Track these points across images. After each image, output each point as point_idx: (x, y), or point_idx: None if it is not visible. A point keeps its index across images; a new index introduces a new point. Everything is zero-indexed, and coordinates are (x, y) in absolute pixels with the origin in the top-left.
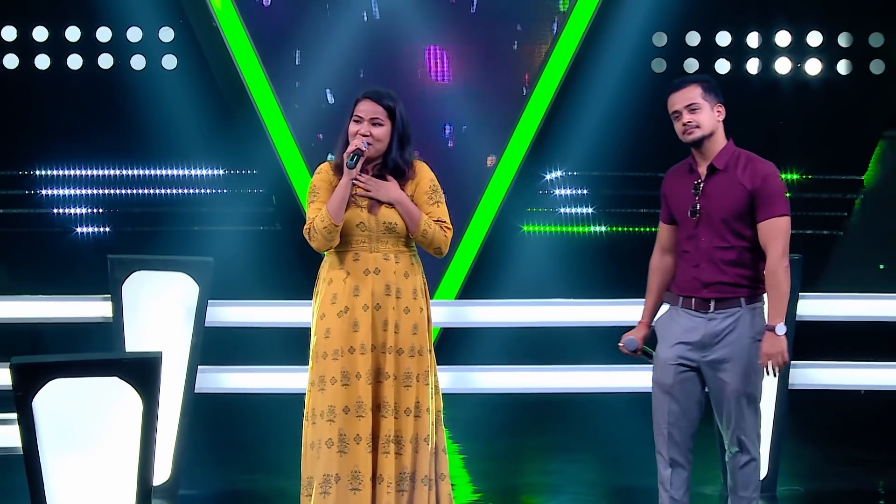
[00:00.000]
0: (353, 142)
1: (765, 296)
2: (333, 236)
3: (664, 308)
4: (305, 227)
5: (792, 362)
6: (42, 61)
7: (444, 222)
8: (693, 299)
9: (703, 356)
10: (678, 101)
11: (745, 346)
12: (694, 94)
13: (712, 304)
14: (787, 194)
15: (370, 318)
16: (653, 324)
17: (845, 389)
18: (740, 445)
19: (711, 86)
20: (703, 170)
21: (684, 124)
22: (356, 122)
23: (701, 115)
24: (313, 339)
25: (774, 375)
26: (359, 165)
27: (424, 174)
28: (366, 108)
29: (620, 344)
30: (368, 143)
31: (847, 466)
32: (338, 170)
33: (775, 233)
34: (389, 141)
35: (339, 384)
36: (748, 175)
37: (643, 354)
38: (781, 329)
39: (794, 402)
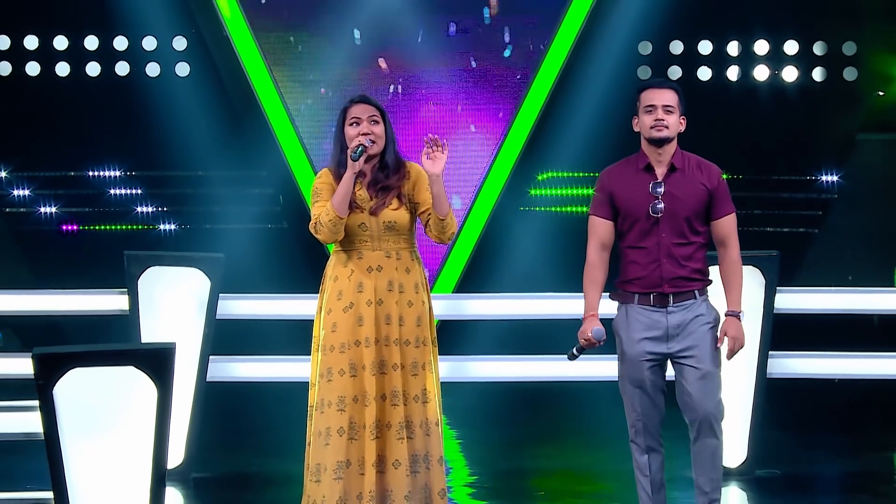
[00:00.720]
0: (355, 140)
1: (709, 288)
2: (339, 229)
3: (613, 305)
4: (312, 222)
5: (770, 353)
6: (62, 69)
7: None
8: (651, 295)
9: (668, 347)
10: (657, 98)
11: (704, 333)
12: (672, 98)
13: (671, 298)
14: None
15: (374, 313)
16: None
17: (820, 378)
18: (709, 429)
19: (682, 97)
20: (661, 170)
21: (657, 120)
22: (354, 124)
23: (671, 118)
24: (320, 333)
25: (728, 359)
26: (361, 160)
27: (418, 171)
28: (361, 110)
29: (588, 335)
30: (372, 141)
31: (821, 451)
32: (337, 174)
33: (732, 228)
34: (385, 140)
35: (347, 375)
36: (706, 175)
37: (574, 355)
38: (742, 316)
39: (771, 390)
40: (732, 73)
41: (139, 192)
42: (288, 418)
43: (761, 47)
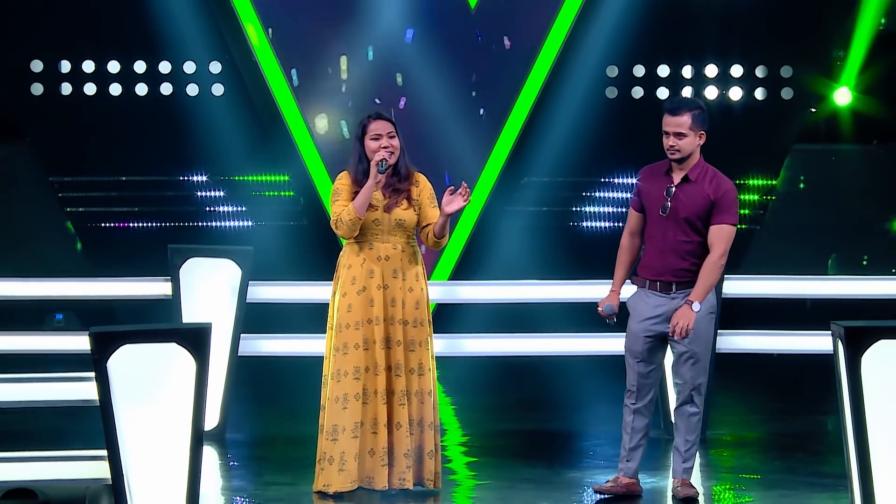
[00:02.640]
0: (379, 153)
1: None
2: (356, 227)
3: (632, 288)
4: (333, 219)
5: (719, 331)
6: (115, 89)
7: None
8: (658, 282)
9: (666, 328)
10: (671, 124)
11: (700, 318)
12: (684, 123)
13: (674, 286)
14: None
15: (382, 296)
16: (623, 300)
17: (761, 353)
18: (692, 400)
19: (700, 116)
20: (677, 178)
21: (670, 146)
22: (375, 139)
23: (684, 141)
24: (336, 313)
25: (677, 339)
26: (387, 172)
27: (425, 182)
28: (381, 126)
29: (600, 308)
30: (391, 153)
31: (763, 415)
32: (356, 178)
33: (721, 236)
34: (399, 151)
35: (361, 349)
36: (713, 187)
37: (611, 320)
38: (696, 307)
39: (720, 363)
40: (686, 92)
41: (180, 194)
42: (307, 387)
43: (711, 70)
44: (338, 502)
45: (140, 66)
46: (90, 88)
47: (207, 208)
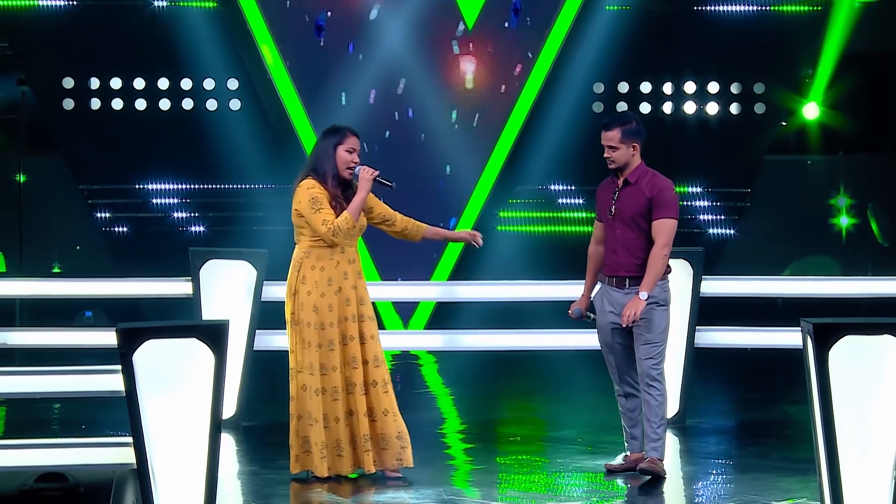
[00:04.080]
0: (364, 167)
1: (669, 275)
2: (354, 233)
3: (598, 286)
4: (328, 228)
5: (697, 327)
6: (140, 104)
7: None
8: (614, 278)
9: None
10: (604, 139)
11: (651, 309)
12: (614, 137)
13: (627, 281)
14: (681, 203)
15: (354, 295)
16: (591, 297)
17: (736, 347)
18: (650, 385)
19: (630, 129)
20: (620, 182)
21: (606, 157)
22: (350, 152)
23: (616, 153)
24: (314, 312)
25: (623, 325)
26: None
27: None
28: (355, 142)
29: (570, 311)
30: (372, 168)
31: (737, 404)
32: (328, 183)
33: (662, 229)
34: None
35: (340, 344)
36: (649, 187)
37: (586, 318)
38: (643, 296)
39: (698, 357)
40: (667, 107)
41: (199, 201)
42: None
43: (690, 87)
44: (332, 485)
45: (163, 83)
46: (117, 103)
47: (225, 213)
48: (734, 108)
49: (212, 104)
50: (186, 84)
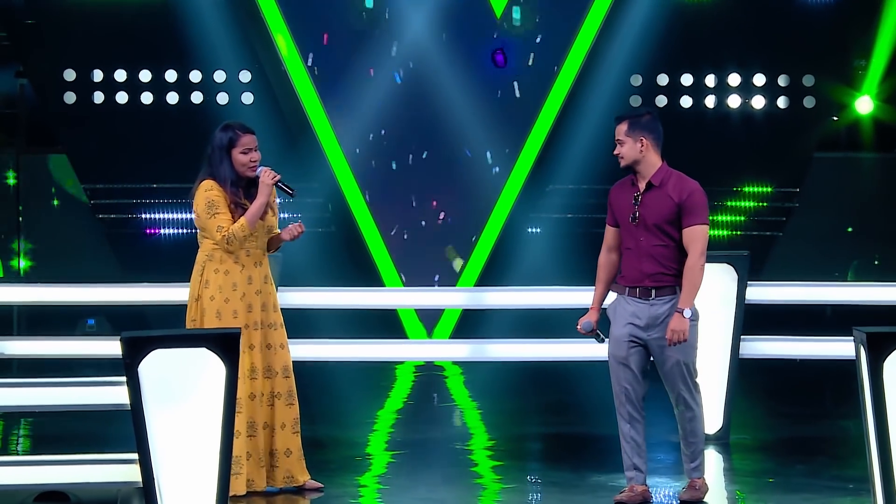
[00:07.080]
0: (266, 169)
1: None
2: (258, 235)
3: (612, 296)
4: (222, 236)
5: (742, 336)
6: (146, 97)
7: None
8: (637, 289)
9: (649, 335)
10: (615, 133)
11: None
12: (621, 130)
13: (653, 292)
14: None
15: (259, 301)
16: (604, 308)
17: (783, 358)
18: (684, 404)
19: (638, 122)
20: (641, 185)
21: (615, 154)
22: (245, 153)
23: (623, 148)
24: (216, 318)
25: (669, 345)
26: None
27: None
28: (250, 140)
29: (578, 326)
30: (272, 170)
31: (785, 419)
32: (225, 186)
33: (694, 237)
34: None
35: (247, 353)
36: (677, 191)
37: (597, 336)
38: (687, 313)
39: (743, 368)
40: (710, 101)
41: None
42: (332, 391)
43: (734, 79)
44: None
45: (171, 76)
46: (122, 97)
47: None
48: (782, 102)
49: (223, 98)
50: (196, 76)
